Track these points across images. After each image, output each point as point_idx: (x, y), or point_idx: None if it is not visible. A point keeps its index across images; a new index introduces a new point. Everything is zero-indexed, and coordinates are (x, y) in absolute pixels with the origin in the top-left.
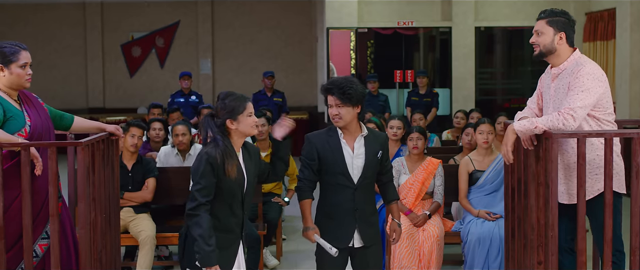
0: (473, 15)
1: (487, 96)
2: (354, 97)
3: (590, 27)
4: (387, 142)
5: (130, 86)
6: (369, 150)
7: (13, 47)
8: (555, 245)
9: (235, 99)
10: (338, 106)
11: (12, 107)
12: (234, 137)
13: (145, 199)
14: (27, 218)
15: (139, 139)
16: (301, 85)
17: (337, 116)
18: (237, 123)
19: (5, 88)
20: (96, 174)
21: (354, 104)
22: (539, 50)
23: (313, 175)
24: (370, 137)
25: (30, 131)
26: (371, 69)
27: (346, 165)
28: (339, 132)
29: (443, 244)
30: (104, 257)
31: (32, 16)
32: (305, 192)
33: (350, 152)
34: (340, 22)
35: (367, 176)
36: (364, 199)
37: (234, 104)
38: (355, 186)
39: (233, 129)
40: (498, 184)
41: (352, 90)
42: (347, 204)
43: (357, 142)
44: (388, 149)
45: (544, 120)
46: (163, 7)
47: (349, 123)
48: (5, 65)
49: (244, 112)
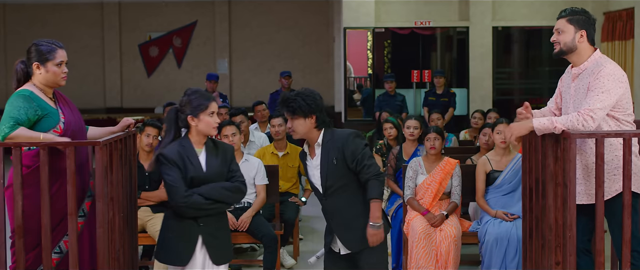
0: (490, 15)
1: (504, 96)
2: (300, 109)
3: (609, 27)
4: (348, 141)
5: (147, 86)
6: (325, 157)
7: (50, 45)
8: (573, 245)
9: (200, 96)
10: (290, 119)
11: (47, 105)
12: (193, 134)
13: (162, 198)
14: (45, 217)
15: (154, 139)
16: (318, 85)
17: (290, 129)
18: (198, 121)
19: (41, 85)
20: (114, 174)
21: (305, 116)
22: (559, 48)
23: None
24: (327, 143)
25: (64, 128)
26: (388, 69)
27: (310, 177)
28: (306, 146)
29: (460, 244)
30: (122, 256)
31: (50, 16)
32: None
33: (312, 162)
34: (358, 22)
35: (331, 184)
36: (337, 205)
37: (196, 102)
38: (322, 196)
39: (193, 125)
40: (516, 184)
41: (295, 103)
42: (324, 213)
43: (316, 151)
44: (355, 146)
45: (563, 120)
46: (180, 7)
47: (307, 134)
48: (42, 63)
49: (206, 111)
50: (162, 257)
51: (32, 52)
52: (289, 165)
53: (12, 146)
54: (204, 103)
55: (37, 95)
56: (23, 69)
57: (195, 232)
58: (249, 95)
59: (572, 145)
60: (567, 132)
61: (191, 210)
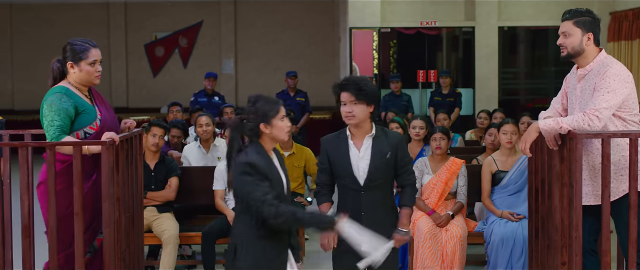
0: (496, 15)
1: (510, 96)
2: (369, 94)
3: (615, 27)
4: (402, 142)
5: (153, 86)
6: (376, 151)
7: (83, 44)
8: (579, 246)
9: (267, 102)
10: (352, 103)
11: (84, 101)
12: (266, 141)
13: (168, 198)
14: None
15: (160, 139)
16: (324, 85)
17: (350, 114)
18: (271, 127)
19: (76, 84)
20: (120, 174)
21: (368, 103)
22: (567, 52)
23: (329, 178)
24: (380, 138)
25: (101, 125)
26: (394, 69)
27: (351, 167)
28: (348, 134)
29: (466, 245)
30: (128, 256)
31: (56, 16)
32: (323, 196)
33: (357, 153)
34: (363, 22)
35: (375, 178)
36: (373, 202)
37: (266, 108)
38: (361, 188)
39: (267, 133)
40: (521, 185)
41: (367, 87)
42: (355, 207)
43: (365, 142)
44: (405, 150)
45: (569, 120)
46: (186, 7)
47: (362, 122)
48: (76, 62)
49: (278, 116)
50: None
51: (67, 51)
52: (295, 165)
53: (47, 147)
54: (274, 108)
55: (73, 92)
56: (59, 68)
57: (285, 248)
58: None
59: (578, 145)
60: (573, 133)
61: (287, 222)
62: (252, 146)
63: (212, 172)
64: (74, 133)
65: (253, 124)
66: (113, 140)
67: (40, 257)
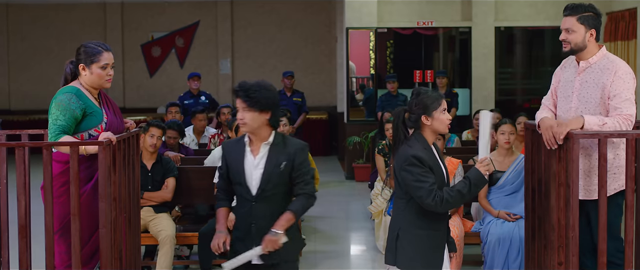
0: (493, 15)
1: (507, 96)
2: (260, 102)
3: (611, 27)
4: (301, 151)
5: (150, 86)
6: (271, 160)
7: (96, 47)
8: (576, 246)
9: (430, 96)
10: (244, 110)
11: (93, 104)
12: (427, 133)
13: (165, 198)
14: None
15: (158, 139)
16: (320, 85)
17: (242, 121)
18: (432, 119)
19: (87, 86)
20: (117, 174)
21: (261, 110)
22: (570, 48)
23: (226, 184)
24: (277, 146)
25: (106, 128)
26: (390, 69)
27: (245, 176)
28: (246, 140)
29: (463, 245)
30: (124, 256)
31: (53, 16)
32: (220, 201)
33: (253, 160)
34: (360, 22)
35: (268, 189)
36: (264, 213)
37: (428, 101)
38: (253, 198)
39: (428, 124)
40: (518, 185)
41: (258, 94)
42: (246, 217)
43: (261, 150)
44: (304, 159)
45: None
46: (183, 7)
47: (256, 130)
48: (87, 65)
49: (439, 109)
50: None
51: (80, 53)
52: None
53: (43, 147)
54: (437, 100)
55: (83, 93)
56: (72, 70)
57: (443, 240)
58: None
59: (575, 145)
60: (571, 133)
61: (444, 206)
62: (416, 138)
63: (211, 172)
64: (79, 134)
65: (416, 115)
66: (110, 140)
67: (37, 257)
